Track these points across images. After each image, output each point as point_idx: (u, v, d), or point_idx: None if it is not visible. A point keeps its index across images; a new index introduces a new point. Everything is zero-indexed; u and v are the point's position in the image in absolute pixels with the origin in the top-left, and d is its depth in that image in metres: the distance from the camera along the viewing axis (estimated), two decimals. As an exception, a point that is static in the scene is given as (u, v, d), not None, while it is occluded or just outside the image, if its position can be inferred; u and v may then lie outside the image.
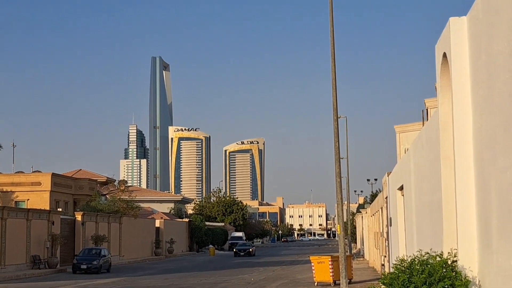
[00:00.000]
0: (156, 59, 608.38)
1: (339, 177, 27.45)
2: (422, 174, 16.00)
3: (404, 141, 46.25)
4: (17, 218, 46.61)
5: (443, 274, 10.57)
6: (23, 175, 69.43)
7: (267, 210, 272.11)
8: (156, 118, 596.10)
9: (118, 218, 65.46)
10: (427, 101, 43.68)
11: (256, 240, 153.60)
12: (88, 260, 46.94)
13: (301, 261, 59.86)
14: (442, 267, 10.68)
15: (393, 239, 25.64)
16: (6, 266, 44.25)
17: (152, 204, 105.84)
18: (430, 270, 10.68)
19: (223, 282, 35.69)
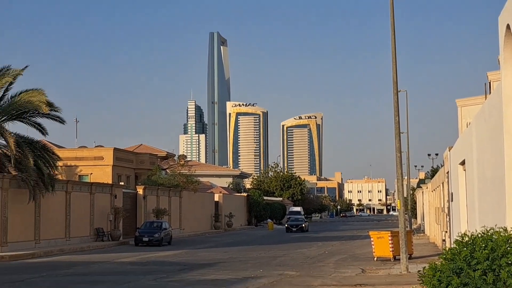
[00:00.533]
0: (214, 35, 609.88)
1: (399, 152, 27.24)
2: (485, 149, 15.79)
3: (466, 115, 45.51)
4: (80, 191, 47.78)
5: (507, 250, 10.47)
6: (86, 149, 70.97)
7: (325, 185, 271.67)
8: (214, 93, 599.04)
9: (178, 192, 66.40)
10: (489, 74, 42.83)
11: (315, 215, 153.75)
12: (150, 233, 47.83)
13: (360, 236, 59.75)
14: (506, 243, 10.57)
15: (454, 214, 25.38)
16: (71, 238, 45.50)
17: (210, 179, 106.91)
18: (493, 245, 10.59)
19: (282, 256, 35.98)
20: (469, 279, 10.61)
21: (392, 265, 29.06)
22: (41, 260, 35.21)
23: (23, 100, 39.78)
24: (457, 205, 24.01)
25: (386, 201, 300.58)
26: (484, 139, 15.83)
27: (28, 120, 41.66)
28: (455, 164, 23.91)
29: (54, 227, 43.81)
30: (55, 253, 39.29)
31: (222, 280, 23.71)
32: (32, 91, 40.52)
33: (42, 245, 41.60)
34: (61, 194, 44.76)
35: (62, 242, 44.29)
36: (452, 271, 10.87)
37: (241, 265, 30.44)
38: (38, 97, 39.56)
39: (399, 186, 27.42)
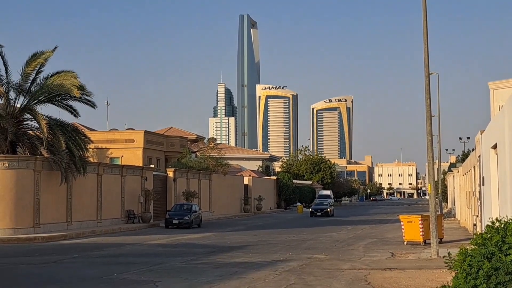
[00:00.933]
0: (244, 17, 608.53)
1: (430, 136, 27.05)
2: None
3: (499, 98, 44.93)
4: (112, 174, 48.21)
5: (538, 235, 10.36)
6: (117, 132, 71.52)
7: (355, 169, 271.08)
8: (244, 76, 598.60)
9: (208, 174, 66.70)
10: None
11: (344, 199, 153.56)
12: (180, 215, 48.15)
13: (390, 220, 59.57)
14: (538, 227, 10.46)
15: (486, 199, 25.16)
16: (102, 220, 46.02)
17: (240, 162, 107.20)
18: (525, 230, 10.49)
19: (311, 240, 36.02)
20: (500, 263, 10.53)
21: (422, 249, 28.96)
22: (73, 241, 35.69)
23: (55, 83, 40.12)
24: (488, 189, 23.79)
25: (416, 185, 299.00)
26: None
27: (60, 103, 42.06)
28: (487, 147, 23.66)
29: (86, 209, 44.32)
30: (86, 235, 39.81)
31: (251, 263, 23.83)
32: (64, 73, 40.82)
33: (74, 226, 42.15)
34: (93, 176, 45.24)
35: (93, 224, 44.83)
36: (483, 256, 10.80)
37: (270, 248, 30.55)
38: (70, 80, 39.88)
39: (430, 170, 27.23)
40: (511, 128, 16.79)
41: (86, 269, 22.41)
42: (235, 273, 20.89)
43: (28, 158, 38.88)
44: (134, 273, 20.95)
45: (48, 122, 38.81)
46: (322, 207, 69.37)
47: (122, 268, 22.38)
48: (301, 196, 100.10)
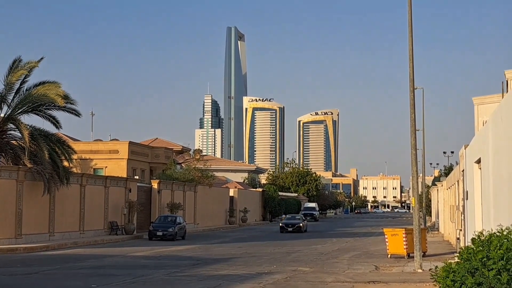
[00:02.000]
0: (231, 29, 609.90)
1: (414, 149, 27.09)
2: (501, 148, 15.60)
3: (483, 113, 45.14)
4: (95, 185, 47.90)
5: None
6: (101, 143, 71.14)
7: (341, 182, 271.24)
8: (231, 88, 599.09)
9: (193, 186, 66.44)
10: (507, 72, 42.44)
11: (329, 211, 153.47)
12: (164, 227, 47.85)
13: (374, 233, 59.55)
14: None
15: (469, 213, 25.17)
16: (85, 231, 45.65)
17: (226, 174, 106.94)
18: (508, 245, 10.45)
19: (296, 252, 35.90)
20: (483, 278, 10.49)
21: (406, 263, 28.93)
22: (55, 252, 35.37)
23: (39, 93, 39.91)
24: (472, 203, 23.81)
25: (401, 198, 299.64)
26: (501, 137, 15.64)
27: (44, 113, 41.77)
28: (471, 162, 23.70)
29: (68, 220, 43.97)
30: (68, 246, 39.46)
31: (235, 276, 23.67)
32: (48, 84, 40.63)
33: (56, 237, 41.77)
34: (76, 187, 44.91)
35: (76, 235, 44.46)
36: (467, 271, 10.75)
37: (255, 260, 30.40)
38: (54, 90, 39.67)
39: (414, 183, 27.25)
40: (495, 143, 16.82)
41: (68, 281, 22.17)
42: (219, 285, 20.74)
43: (11, 168, 38.54)
44: (116, 285, 20.73)
45: (31, 132, 38.52)
46: (293, 222, 61.71)
47: (104, 280, 22.15)
48: (286, 209, 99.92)
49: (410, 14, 26.87)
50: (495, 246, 10.61)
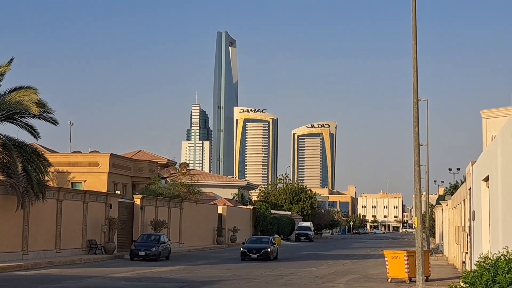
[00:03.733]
0: (222, 34, 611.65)
1: (417, 166, 27.15)
2: (511, 164, 15.65)
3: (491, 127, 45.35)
4: (73, 200, 47.78)
5: (532, 274, 10.34)
6: (80, 155, 71.03)
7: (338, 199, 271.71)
8: (221, 97, 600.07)
9: (179, 203, 66.37)
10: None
11: (325, 231, 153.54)
12: (147, 246, 47.75)
13: (373, 255, 59.58)
14: (531, 267, 10.45)
15: (476, 235, 25.20)
16: (61, 250, 45.49)
17: (214, 189, 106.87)
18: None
19: (289, 275, 35.86)
20: (490, 305, 10.49)
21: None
22: (29, 273, 35.20)
23: (13, 100, 39.81)
24: (479, 224, 23.84)
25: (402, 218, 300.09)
26: (511, 154, 15.69)
27: (19, 122, 41.67)
28: (478, 180, 23.75)
29: (44, 237, 43.80)
30: (43, 266, 39.27)
31: (222, 300, 23.60)
32: (23, 89, 40.52)
33: (30, 256, 41.58)
34: (52, 202, 44.79)
35: (51, 254, 44.28)
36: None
37: (244, 283, 30.35)
38: (29, 96, 39.59)
39: (417, 202, 27.29)
40: (505, 160, 16.87)
41: (41, 304, 22.04)
42: (205, 310, 20.65)
43: (-18, 180, 38.41)
44: (93, 309, 20.64)
45: (3, 142, 38.43)
46: (259, 246, 50.90)
47: (81, 303, 22.04)
48: (279, 228, 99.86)
49: (414, 20, 27.03)
50: (503, 270, 10.63)
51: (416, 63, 27.12)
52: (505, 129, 17.03)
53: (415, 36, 27.04)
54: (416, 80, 27.11)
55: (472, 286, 10.94)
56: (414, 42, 27.06)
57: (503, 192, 17.16)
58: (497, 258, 11.06)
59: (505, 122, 17.50)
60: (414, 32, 27.04)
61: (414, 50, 27.06)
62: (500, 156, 17.50)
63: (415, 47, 27.05)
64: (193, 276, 34.60)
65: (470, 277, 11.08)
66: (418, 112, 27.26)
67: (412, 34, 27.07)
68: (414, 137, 27.06)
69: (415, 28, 27.05)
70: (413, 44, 27.07)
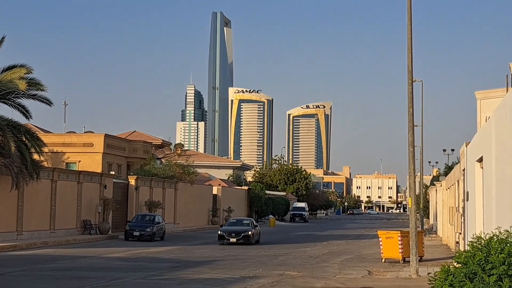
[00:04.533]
0: (217, 15, 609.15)
1: (412, 147, 27.17)
2: (505, 145, 15.68)
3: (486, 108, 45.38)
4: (67, 180, 47.78)
5: (525, 254, 10.39)
6: (75, 135, 70.90)
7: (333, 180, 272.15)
8: (216, 78, 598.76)
9: (174, 183, 66.41)
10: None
11: (320, 212, 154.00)
12: (141, 227, 47.81)
13: (367, 235, 59.81)
14: (524, 247, 10.49)
15: (470, 215, 25.31)
16: (56, 230, 45.55)
17: (209, 170, 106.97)
18: (510, 249, 10.51)
19: (283, 255, 35.99)
20: (483, 284, 10.55)
21: (401, 268, 29.06)
22: (23, 253, 35.25)
23: (6, 79, 39.58)
24: (472, 205, 23.93)
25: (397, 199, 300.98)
26: (505, 135, 15.72)
27: (13, 102, 41.49)
28: (472, 161, 23.81)
29: (38, 218, 43.83)
30: (38, 246, 39.33)
31: (217, 280, 23.69)
32: (17, 68, 40.18)
33: (24, 236, 41.64)
34: (46, 182, 44.79)
35: (46, 234, 44.34)
36: (465, 276, 10.81)
37: (239, 263, 30.44)
38: (19, 73, 39.29)
39: (411, 183, 27.34)
40: (498, 141, 16.90)
41: (36, 284, 22.10)
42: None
43: (-24, 161, 38.34)
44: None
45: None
46: (238, 229, 46.51)
47: (76, 283, 22.10)
48: (274, 208, 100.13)
49: (409, 2, 26.93)
50: (495, 250, 10.67)
51: (411, 44, 27.06)
52: (499, 110, 17.05)
53: (410, 17, 26.97)
54: (411, 61, 27.07)
55: (465, 266, 10.98)
56: (409, 23, 26.98)
57: (496, 173, 17.20)
58: (490, 238, 11.10)
59: (499, 103, 17.52)
60: (409, 13, 26.96)
61: (409, 31, 26.99)
62: (494, 137, 17.52)
63: (410, 27, 26.98)
64: (188, 256, 34.69)
65: (463, 257, 11.12)
66: (412, 93, 27.25)
67: (407, 15, 26.99)
68: (409, 118, 27.06)
69: (410, 9, 26.96)
70: (408, 24, 27.00)
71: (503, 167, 16.05)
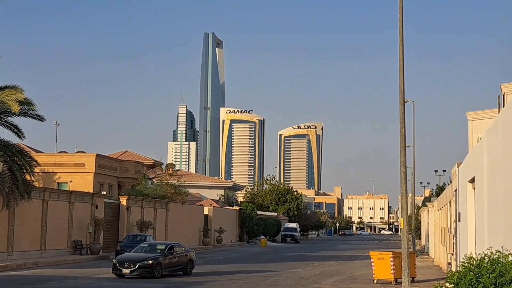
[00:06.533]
0: (209, 35, 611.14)
1: (404, 167, 27.24)
2: (496, 166, 15.76)
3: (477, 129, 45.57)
4: (59, 200, 47.61)
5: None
6: (66, 155, 70.78)
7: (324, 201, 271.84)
8: (207, 98, 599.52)
9: (165, 203, 66.26)
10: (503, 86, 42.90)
11: (311, 233, 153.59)
12: (133, 247, 47.32)
13: (359, 256, 59.70)
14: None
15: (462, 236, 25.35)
16: (46, 250, 45.31)
17: (200, 190, 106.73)
18: (501, 269, 10.55)
19: (274, 276, 35.89)
20: (475, 306, 10.57)
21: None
22: (14, 273, 35.05)
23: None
24: (464, 226, 23.98)
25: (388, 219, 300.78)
26: (496, 155, 15.80)
27: (4, 122, 41.45)
28: (464, 181, 23.89)
29: (29, 238, 43.62)
30: (28, 266, 39.11)
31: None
32: (8, 89, 40.25)
33: (15, 257, 41.40)
34: (38, 202, 44.61)
35: (36, 254, 44.10)
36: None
37: (230, 284, 30.36)
38: (14, 95, 39.36)
39: (403, 203, 27.39)
40: (490, 161, 16.98)
41: (26, 304, 21.97)
42: (191, 311, 20.60)
43: (-34, 180, 38.21)
44: (79, 310, 20.58)
45: (-12, 142, 38.18)
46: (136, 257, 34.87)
47: (66, 303, 21.97)
48: (265, 229, 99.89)
49: (401, 23, 27.13)
50: (487, 270, 10.70)
51: (403, 65, 27.22)
52: (490, 131, 17.15)
53: (401, 38, 27.15)
54: (402, 82, 27.21)
55: (457, 286, 11.01)
56: (400, 44, 27.16)
57: (488, 194, 17.27)
58: (481, 259, 11.14)
59: (491, 124, 17.63)
60: (400, 34, 27.14)
61: (401, 52, 27.16)
62: (486, 158, 17.61)
63: (401, 48, 27.16)
64: (180, 276, 34.53)
65: (455, 277, 11.16)
66: (404, 113, 27.36)
67: (399, 36, 27.17)
68: (401, 138, 27.16)
69: (401, 30, 27.15)
70: (400, 45, 27.18)
71: (495, 188, 16.12)
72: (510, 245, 12.07)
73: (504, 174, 14.40)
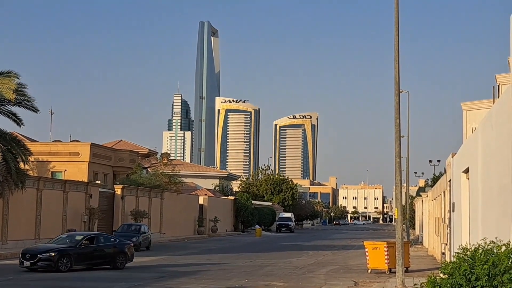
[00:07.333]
0: (204, 24, 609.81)
1: (398, 157, 27.24)
2: (491, 157, 15.77)
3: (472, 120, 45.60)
4: (53, 189, 47.56)
5: (509, 265, 10.43)
6: (61, 144, 70.64)
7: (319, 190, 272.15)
8: (203, 87, 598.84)
9: (160, 193, 66.25)
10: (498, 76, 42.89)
11: (306, 222, 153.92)
12: (127, 236, 47.43)
13: (353, 246, 59.84)
14: (508, 258, 10.54)
15: (456, 226, 25.40)
16: (41, 239, 45.24)
17: (195, 180, 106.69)
18: (494, 260, 10.55)
19: (269, 265, 35.94)
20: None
21: (387, 278, 29.09)
22: (8, 262, 35.05)
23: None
24: (458, 216, 24.03)
25: (383, 209, 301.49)
26: (491, 146, 15.80)
27: (2, 110, 41.26)
28: (458, 172, 23.92)
29: (23, 227, 43.59)
30: (23, 255, 39.02)
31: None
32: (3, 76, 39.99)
33: (9, 246, 41.38)
34: (32, 191, 44.56)
35: (31, 243, 43.94)
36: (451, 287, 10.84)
37: (224, 273, 30.38)
38: (8, 84, 39.16)
39: (398, 193, 27.40)
40: (485, 152, 16.99)
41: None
42: (185, 300, 20.60)
43: (-40, 169, 38.13)
44: (73, 299, 20.53)
45: (-18, 130, 38.05)
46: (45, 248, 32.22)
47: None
48: (260, 218, 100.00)
49: (396, 12, 27.08)
50: (480, 261, 10.71)
51: (398, 55, 27.18)
52: (485, 121, 17.14)
53: (397, 27, 27.10)
54: (397, 72, 27.18)
55: (451, 277, 11.01)
56: (396, 34, 27.12)
57: (482, 184, 17.29)
58: (475, 249, 11.15)
59: (486, 115, 17.62)
60: (396, 24, 27.10)
61: (396, 42, 27.12)
62: (480, 148, 17.62)
63: (397, 39, 27.11)
64: (173, 266, 34.59)
65: (449, 268, 11.16)
66: (399, 103, 27.34)
67: (394, 26, 27.13)
68: (395, 128, 27.14)
69: (397, 20, 27.10)
70: (395, 35, 27.13)
71: (489, 178, 16.13)
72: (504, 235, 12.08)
73: (498, 165, 14.40)
